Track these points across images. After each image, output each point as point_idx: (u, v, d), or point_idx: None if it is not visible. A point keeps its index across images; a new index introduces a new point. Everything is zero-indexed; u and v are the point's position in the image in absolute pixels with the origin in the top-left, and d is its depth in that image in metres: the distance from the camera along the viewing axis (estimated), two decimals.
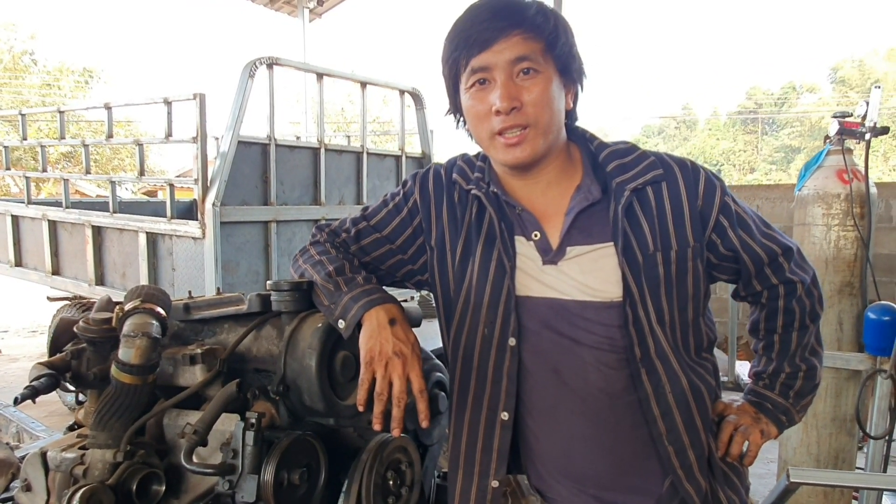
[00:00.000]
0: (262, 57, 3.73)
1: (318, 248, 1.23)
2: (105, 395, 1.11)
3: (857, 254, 2.57)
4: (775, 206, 6.33)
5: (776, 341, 1.22)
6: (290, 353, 1.15)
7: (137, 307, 1.13)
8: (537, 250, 1.11)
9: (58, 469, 1.15)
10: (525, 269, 1.11)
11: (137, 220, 4.20)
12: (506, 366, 1.10)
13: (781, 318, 1.20)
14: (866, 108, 2.49)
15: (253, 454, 1.06)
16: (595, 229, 1.09)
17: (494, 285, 1.11)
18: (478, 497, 1.14)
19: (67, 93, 22.82)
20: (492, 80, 1.05)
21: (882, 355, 2.50)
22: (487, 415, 1.12)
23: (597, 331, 1.07)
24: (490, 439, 1.12)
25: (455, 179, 1.19)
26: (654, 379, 1.06)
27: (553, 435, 1.12)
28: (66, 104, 19.79)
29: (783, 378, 1.21)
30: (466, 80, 1.08)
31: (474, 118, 1.10)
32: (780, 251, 1.16)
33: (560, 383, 1.09)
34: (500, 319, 1.10)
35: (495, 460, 1.12)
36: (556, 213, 1.12)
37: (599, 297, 1.07)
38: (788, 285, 1.18)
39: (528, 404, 1.12)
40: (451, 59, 1.09)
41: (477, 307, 1.12)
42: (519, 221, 1.13)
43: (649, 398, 1.06)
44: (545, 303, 1.09)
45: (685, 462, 1.08)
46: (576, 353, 1.07)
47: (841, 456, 2.69)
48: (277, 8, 9.86)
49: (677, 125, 42.46)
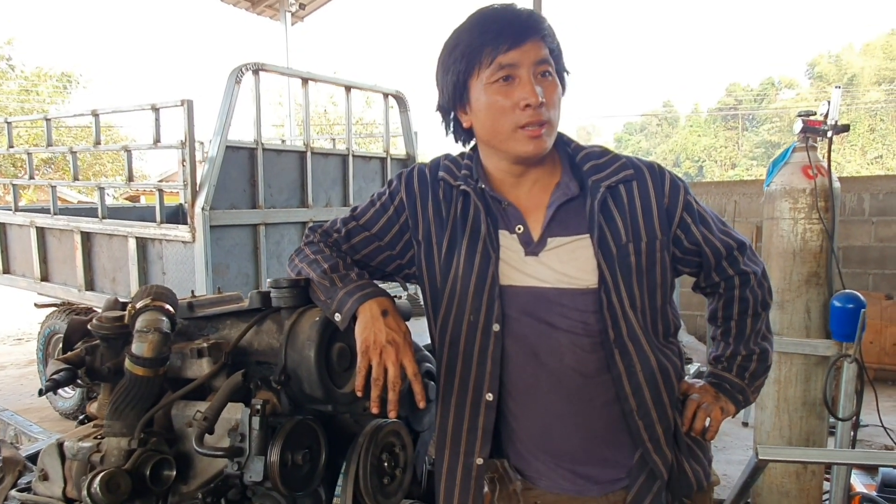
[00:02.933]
0: (248, 63, 3.81)
1: (313, 247, 1.32)
2: (119, 387, 1.20)
3: (822, 245, 2.70)
4: (752, 202, 6.49)
5: (733, 327, 1.33)
6: (290, 345, 1.24)
7: (148, 305, 1.21)
8: (520, 242, 1.20)
9: (75, 458, 1.23)
10: (508, 260, 1.20)
11: (127, 226, 4.26)
12: (490, 349, 1.19)
13: (737, 305, 1.31)
14: (828, 108, 2.63)
15: (259, 437, 1.15)
16: (572, 223, 1.19)
17: (479, 275, 1.19)
18: (463, 474, 1.22)
19: (46, 98, 22.57)
20: (517, 77, 1.12)
21: (847, 341, 2.63)
22: (473, 396, 1.21)
23: (572, 315, 1.16)
24: (475, 419, 1.21)
25: (441, 177, 1.27)
26: (627, 359, 1.16)
27: (531, 414, 1.20)
28: (45, 110, 19.63)
29: (739, 361, 1.32)
30: (491, 74, 1.13)
31: (496, 111, 1.14)
32: (736, 245, 1.28)
33: (538, 365, 1.18)
34: (484, 307, 1.19)
35: (480, 439, 1.21)
36: (538, 208, 1.21)
37: (576, 284, 1.16)
38: (743, 276, 1.29)
39: (509, 386, 1.21)
40: (469, 52, 1.14)
41: (463, 296, 1.20)
42: (503, 216, 1.22)
43: (621, 377, 1.16)
44: (526, 291, 1.18)
45: (653, 435, 1.17)
46: (553, 336, 1.17)
47: (812, 438, 2.82)
48: (259, 12, 9.89)
49: (659, 122, 42.84)
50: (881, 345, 5.84)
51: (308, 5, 9.97)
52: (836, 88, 2.64)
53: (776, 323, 2.82)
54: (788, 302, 2.79)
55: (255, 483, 1.17)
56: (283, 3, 9.34)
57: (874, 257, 6.08)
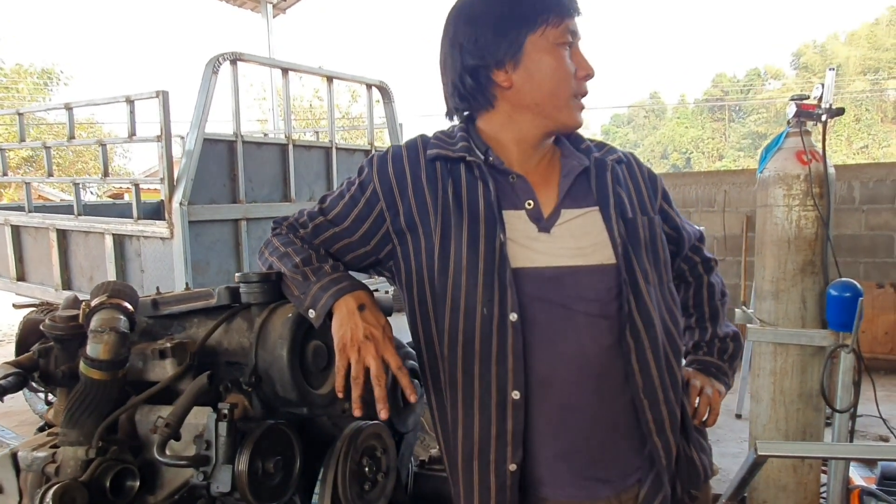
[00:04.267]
0: (225, 53, 3.69)
1: (282, 238, 1.22)
2: (74, 392, 1.10)
3: (817, 233, 2.64)
4: (741, 191, 6.46)
5: (706, 311, 1.38)
6: (260, 345, 1.15)
7: (104, 303, 1.12)
8: (530, 219, 1.12)
9: (29, 469, 1.13)
10: (517, 239, 1.10)
11: (103, 223, 4.13)
12: (510, 343, 1.06)
13: (706, 290, 1.38)
14: (822, 91, 2.56)
15: (226, 444, 1.06)
16: (580, 197, 1.16)
17: (487, 261, 1.08)
18: (498, 485, 1.09)
19: (26, 95, 22.26)
20: (575, 45, 1.15)
21: (844, 331, 2.57)
22: (497, 398, 1.08)
23: (588, 295, 1.08)
24: (503, 422, 1.08)
25: (434, 154, 1.16)
26: (635, 334, 1.08)
27: (546, 408, 1.09)
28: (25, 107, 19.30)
29: (719, 344, 1.37)
30: (559, 35, 1.12)
31: (562, 75, 1.13)
32: (698, 235, 1.36)
33: (555, 354, 1.08)
34: (497, 296, 1.07)
35: (510, 443, 1.08)
36: (548, 183, 1.17)
37: (591, 260, 1.10)
38: (706, 263, 1.38)
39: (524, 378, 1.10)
40: (540, 7, 1.11)
41: (471, 287, 1.08)
42: (509, 191, 1.14)
43: (630, 353, 1.08)
44: (538, 273, 1.09)
45: (658, 417, 1.09)
46: (571, 320, 1.07)
47: (809, 431, 2.76)
48: (241, 4, 9.72)
49: (646, 114, 42.96)
50: (873, 334, 5.83)
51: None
52: (830, 70, 2.57)
53: (771, 313, 2.76)
54: (783, 291, 2.73)
55: (222, 494, 1.07)
56: None
57: (865, 246, 6.06)
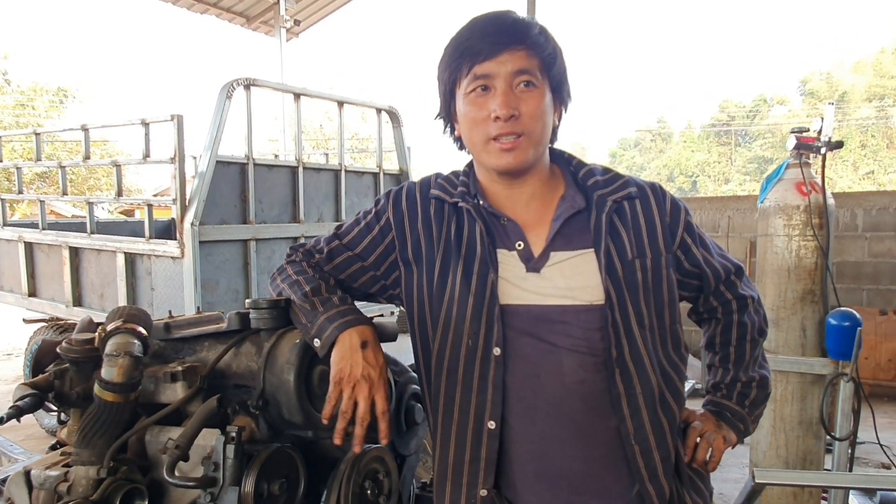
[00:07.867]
0: (239, 78, 3.78)
1: (295, 267, 1.28)
2: (88, 413, 1.14)
3: (817, 262, 2.67)
4: (745, 217, 6.49)
5: (731, 352, 1.31)
6: (268, 369, 1.19)
7: (119, 327, 1.17)
8: (520, 259, 1.15)
9: (41, 487, 1.17)
10: (507, 278, 1.14)
11: (115, 241, 4.20)
12: (491, 375, 1.12)
13: (736, 330, 1.29)
14: (822, 124, 2.61)
15: (234, 467, 1.10)
16: (576, 237, 1.15)
17: (477, 296, 1.13)
18: None
19: (42, 112, 22.58)
20: (492, 87, 1.11)
21: (843, 359, 2.59)
22: (474, 426, 1.14)
23: (575, 334, 1.11)
24: (477, 449, 1.14)
25: (435, 195, 1.23)
26: (627, 379, 1.10)
27: (530, 437, 1.13)
28: (40, 124, 19.62)
29: (739, 388, 1.30)
30: (468, 85, 1.13)
31: (471, 122, 1.14)
32: (734, 269, 1.27)
33: (539, 387, 1.11)
34: (483, 329, 1.13)
35: (483, 469, 1.14)
36: (540, 223, 1.17)
37: (580, 300, 1.11)
38: (741, 300, 1.28)
39: (507, 409, 1.14)
40: (452, 64, 1.14)
41: (460, 319, 1.14)
42: (502, 233, 1.18)
43: (620, 397, 1.10)
44: (526, 310, 1.13)
45: (650, 463, 1.11)
46: (555, 356, 1.11)
47: (808, 458, 2.77)
48: (255, 28, 9.92)
49: (653, 138, 43.06)
50: (876, 360, 5.82)
51: (303, 21, 10.02)
52: (830, 105, 2.62)
53: (771, 341, 2.79)
54: (783, 319, 2.76)
55: None
56: (278, 20, 9.36)
57: (868, 273, 6.06)
